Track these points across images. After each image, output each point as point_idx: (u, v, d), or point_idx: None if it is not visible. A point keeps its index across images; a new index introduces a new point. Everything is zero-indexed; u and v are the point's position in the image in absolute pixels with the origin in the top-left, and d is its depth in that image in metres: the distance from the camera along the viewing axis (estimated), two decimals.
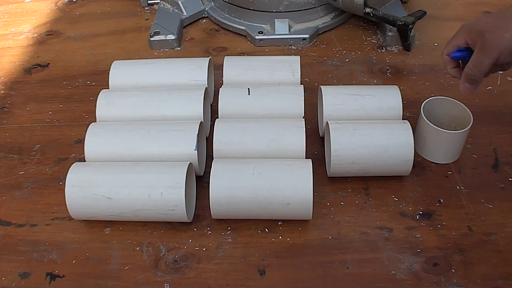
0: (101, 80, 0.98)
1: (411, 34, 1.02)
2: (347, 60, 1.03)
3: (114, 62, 0.92)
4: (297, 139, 0.75)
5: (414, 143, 0.82)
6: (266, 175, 0.69)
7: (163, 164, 0.73)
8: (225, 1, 1.12)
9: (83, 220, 0.75)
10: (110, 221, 0.74)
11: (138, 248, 0.71)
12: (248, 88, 0.82)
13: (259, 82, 0.87)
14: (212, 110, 0.90)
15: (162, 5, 1.18)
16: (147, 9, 1.22)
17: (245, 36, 1.10)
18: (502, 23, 0.65)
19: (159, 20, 1.13)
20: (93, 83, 1.00)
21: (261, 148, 0.75)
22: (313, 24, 1.10)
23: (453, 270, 0.67)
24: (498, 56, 0.65)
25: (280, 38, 1.07)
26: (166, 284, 0.66)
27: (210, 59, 0.91)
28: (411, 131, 0.75)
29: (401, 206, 0.75)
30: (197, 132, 0.76)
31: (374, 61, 1.02)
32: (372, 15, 1.03)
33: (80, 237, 0.73)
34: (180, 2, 1.15)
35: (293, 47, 1.07)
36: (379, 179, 0.79)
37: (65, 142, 0.88)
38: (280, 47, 1.07)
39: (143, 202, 0.69)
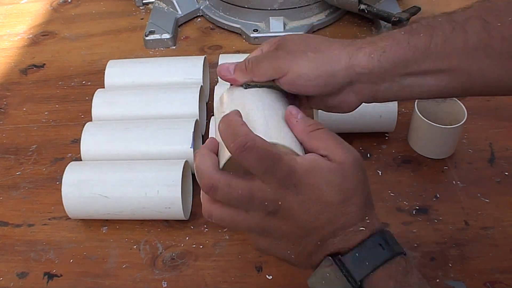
0: (97, 80, 0.98)
1: None
2: None
3: (110, 61, 0.92)
4: None
5: (409, 138, 0.82)
6: None
7: (159, 162, 0.73)
8: None
9: (80, 220, 0.75)
10: (107, 220, 0.74)
11: (135, 246, 0.71)
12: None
13: None
14: (207, 108, 0.90)
15: (157, 4, 1.18)
16: (142, 9, 1.22)
17: (240, 34, 1.10)
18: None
19: (154, 19, 1.13)
20: (89, 83, 1.00)
21: None
22: (308, 22, 1.10)
23: (450, 265, 0.67)
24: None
25: (275, 35, 1.05)
26: (163, 282, 0.67)
27: (205, 57, 0.91)
28: None
29: (397, 201, 0.75)
30: (193, 130, 0.76)
31: None
32: (366, 11, 1.03)
33: (77, 237, 0.73)
34: (175, 1, 1.15)
35: None
36: (375, 175, 0.79)
37: (61, 142, 0.88)
38: None
39: (140, 200, 0.69)
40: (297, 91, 0.54)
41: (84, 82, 1.00)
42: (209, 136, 0.76)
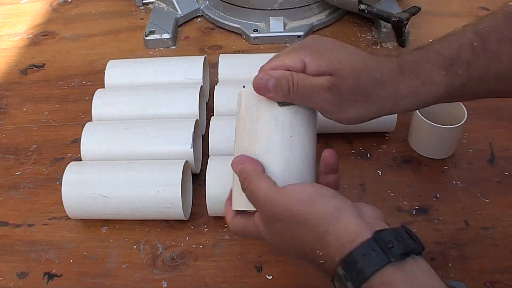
0: (97, 80, 0.98)
1: (406, 30, 1.02)
2: None
3: (110, 61, 0.92)
4: None
5: (409, 138, 0.82)
6: None
7: (159, 162, 0.73)
8: None
9: (80, 220, 0.75)
10: (107, 220, 0.74)
11: (135, 246, 0.71)
12: (244, 86, 0.82)
13: None
14: (207, 108, 0.91)
15: (157, 4, 1.18)
16: (142, 9, 1.22)
17: (240, 34, 1.10)
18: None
19: (154, 19, 1.13)
20: (89, 83, 1.00)
21: None
22: (308, 22, 1.10)
23: (450, 265, 0.67)
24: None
25: (275, 36, 1.07)
26: (163, 282, 0.66)
27: (205, 57, 0.91)
28: None
29: (397, 201, 0.75)
30: (193, 130, 0.76)
31: None
32: (366, 11, 1.03)
33: (77, 236, 0.73)
34: (174, 1, 1.15)
35: (288, 45, 1.07)
36: (375, 175, 0.79)
37: (61, 142, 0.88)
38: (275, 45, 1.07)
39: (140, 200, 0.69)
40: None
41: (84, 82, 1.00)
42: (210, 136, 0.76)
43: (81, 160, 0.78)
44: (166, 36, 1.08)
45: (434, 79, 0.53)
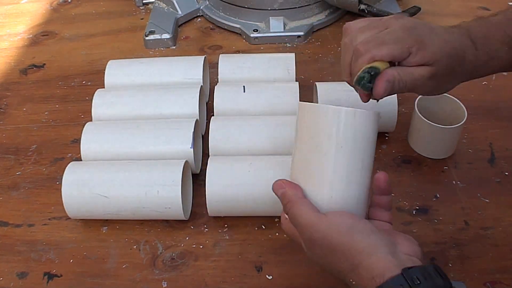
0: (97, 80, 0.98)
1: None
2: None
3: (110, 61, 0.92)
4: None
5: (409, 138, 0.82)
6: (262, 172, 0.70)
7: (159, 162, 0.73)
8: None
9: (80, 220, 0.75)
10: (107, 220, 0.74)
11: (135, 246, 0.71)
12: (244, 86, 0.83)
13: (254, 79, 0.87)
14: (207, 108, 0.91)
15: (157, 4, 1.18)
16: (142, 9, 1.22)
17: (240, 34, 1.10)
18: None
19: (154, 19, 1.13)
20: (89, 83, 1.00)
21: (256, 145, 0.75)
22: (308, 22, 1.10)
23: (450, 265, 0.67)
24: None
25: (275, 35, 1.07)
26: (163, 282, 0.67)
27: (205, 57, 0.91)
28: None
29: (397, 202, 0.75)
30: (193, 130, 0.76)
31: None
32: (366, 11, 1.03)
33: (77, 237, 0.73)
34: (174, 1, 1.15)
35: (288, 45, 1.07)
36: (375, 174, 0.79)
37: (61, 142, 0.88)
38: (275, 45, 1.07)
39: (140, 200, 0.69)
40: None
41: (84, 82, 1.00)
42: (210, 136, 0.76)
43: (81, 160, 0.78)
44: (166, 36, 1.08)
45: (500, 55, 0.61)
